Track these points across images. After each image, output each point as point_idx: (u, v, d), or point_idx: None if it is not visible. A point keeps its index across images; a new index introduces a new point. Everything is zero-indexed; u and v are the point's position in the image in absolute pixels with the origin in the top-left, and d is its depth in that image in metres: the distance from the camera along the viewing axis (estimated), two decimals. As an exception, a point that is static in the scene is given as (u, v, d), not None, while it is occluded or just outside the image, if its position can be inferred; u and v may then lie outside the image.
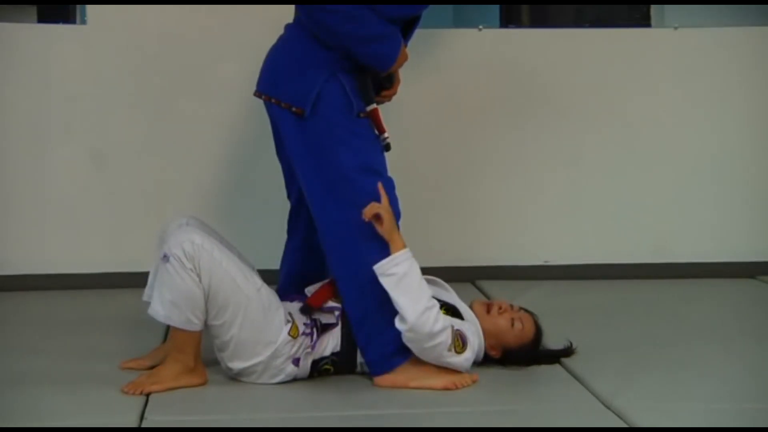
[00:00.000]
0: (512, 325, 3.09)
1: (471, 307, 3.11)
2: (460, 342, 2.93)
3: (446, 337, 2.89)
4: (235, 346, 2.90)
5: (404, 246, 2.91)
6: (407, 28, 3.07)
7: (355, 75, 2.98)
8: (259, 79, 3.06)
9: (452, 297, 3.12)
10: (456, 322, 2.98)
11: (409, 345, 2.90)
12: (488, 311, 3.11)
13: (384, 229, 2.90)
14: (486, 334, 3.08)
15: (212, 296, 2.85)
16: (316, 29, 2.94)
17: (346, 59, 2.95)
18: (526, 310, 3.17)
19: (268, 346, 2.91)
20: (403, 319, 2.85)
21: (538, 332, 3.14)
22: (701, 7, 4.53)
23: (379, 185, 2.94)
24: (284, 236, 3.27)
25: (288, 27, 3.08)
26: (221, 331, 2.90)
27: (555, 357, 3.18)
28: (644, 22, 4.67)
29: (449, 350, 2.91)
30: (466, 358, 2.95)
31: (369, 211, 2.90)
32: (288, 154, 3.04)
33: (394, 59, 3.00)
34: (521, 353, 3.11)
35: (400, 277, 2.86)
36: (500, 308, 3.11)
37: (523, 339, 3.11)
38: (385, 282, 2.87)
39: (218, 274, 2.85)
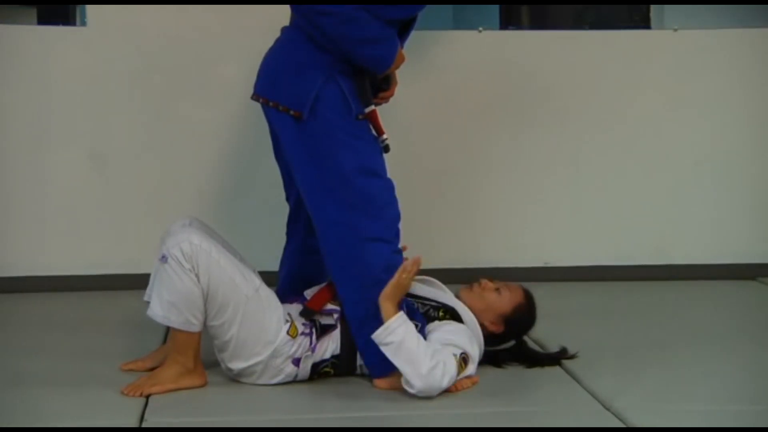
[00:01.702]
0: (499, 293, 3.11)
1: (459, 297, 3.12)
2: (464, 365, 2.94)
3: (453, 375, 2.88)
4: (235, 346, 2.90)
5: (396, 311, 2.89)
6: (404, 30, 3.06)
7: (352, 77, 2.97)
8: (256, 81, 3.05)
9: (449, 298, 3.12)
10: (455, 342, 2.95)
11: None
12: (472, 290, 3.12)
13: (392, 290, 2.91)
14: (480, 312, 3.08)
15: (211, 296, 2.85)
16: (312, 32, 2.93)
17: (343, 61, 2.95)
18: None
19: (268, 346, 2.91)
20: (410, 385, 2.84)
21: (528, 294, 3.16)
22: (701, 8, 4.54)
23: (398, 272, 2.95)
24: (284, 237, 3.27)
25: (284, 30, 3.07)
26: (221, 332, 2.90)
27: (555, 359, 3.18)
28: (644, 23, 4.67)
29: (457, 377, 2.92)
30: (470, 371, 2.96)
31: (414, 265, 2.93)
32: (286, 157, 3.04)
33: (391, 61, 3.00)
34: (520, 316, 3.13)
35: (398, 345, 2.84)
36: (481, 285, 3.13)
37: (515, 301, 3.12)
38: (385, 350, 2.86)
39: (217, 274, 2.85)
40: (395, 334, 2.85)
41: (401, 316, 2.89)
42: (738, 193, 4.50)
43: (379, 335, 2.87)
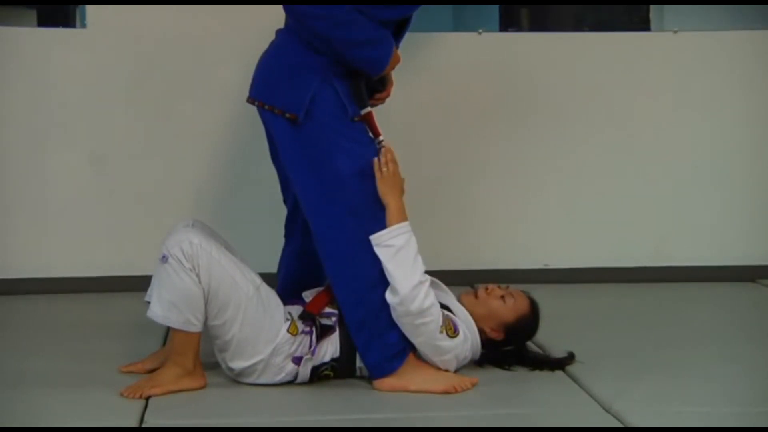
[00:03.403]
0: (504, 301, 3.10)
1: (460, 301, 3.11)
2: (451, 326, 2.94)
3: (436, 316, 2.89)
4: (237, 345, 2.90)
5: (404, 216, 2.91)
6: (398, 30, 3.06)
7: (347, 79, 2.97)
8: (251, 85, 3.05)
9: (446, 297, 3.12)
10: (447, 313, 2.98)
11: (400, 323, 2.90)
12: (477, 296, 3.11)
13: (382, 186, 2.91)
14: (482, 319, 3.08)
15: (212, 295, 2.85)
16: (306, 35, 2.93)
17: (338, 64, 2.94)
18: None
19: (269, 344, 2.91)
20: (394, 291, 2.85)
21: (533, 303, 3.15)
22: (700, 10, 4.54)
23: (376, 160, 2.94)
24: (282, 239, 3.28)
25: (279, 32, 3.07)
26: (222, 331, 2.90)
27: (558, 364, 3.17)
28: (643, 25, 4.67)
29: (441, 332, 2.91)
30: (458, 343, 2.95)
31: (386, 154, 2.90)
32: (282, 160, 3.04)
33: (386, 62, 2.99)
34: (523, 326, 3.13)
35: (397, 250, 2.86)
36: (487, 290, 3.12)
37: (519, 311, 3.11)
38: (381, 252, 2.87)
39: (217, 273, 2.85)
40: (398, 239, 2.87)
41: (407, 224, 2.90)
42: (737, 195, 4.50)
43: (381, 236, 2.87)
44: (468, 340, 3.02)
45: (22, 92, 4.15)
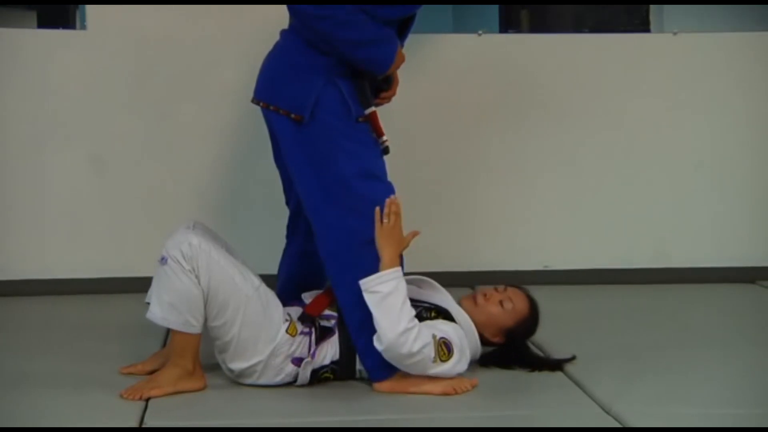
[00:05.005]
0: (502, 306, 3.10)
1: (460, 305, 3.11)
2: (444, 350, 2.93)
3: (428, 352, 2.88)
4: (236, 345, 2.91)
5: (396, 264, 2.89)
6: (402, 28, 3.06)
7: (352, 79, 2.97)
8: (256, 86, 3.05)
9: (444, 298, 3.11)
10: (440, 328, 2.97)
11: (391, 362, 2.91)
12: (476, 303, 3.11)
13: (380, 237, 2.90)
14: (482, 325, 3.08)
15: (212, 296, 2.85)
16: (310, 36, 2.93)
17: (342, 64, 2.94)
18: (515, 286, 3.18)
19: (268, 344, 2.91)
20: (379, 339, 2.85)
21: (533, 303, 3.16)
22: (700, 12, 4.54)
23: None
24: (283, 241, 3.28)
25: (283, 33, 3.07)
26: (222, 332, 2.90)
27: (557, 365, 3.17)
28: (643, 27, 4.68)
29: (434, 362, 2.90)
30: (453, 363, 2.95)
31: (390, 206, 2.90)
32: (286, 161, 3.04)
33: (390, 62, 2.99)
34: (523, 329, 3.14)
35: (384, 296, 2.84)
36: (485, 296, 3.11)
37: (519, 314, 3.12)
38: (368, 298, 2.86)
39: (217, 274, 2.85)
40: (385, 285, 2.85)
41: (397, 270, 2.88)
42: (737, 196, 4.50)
43: (368, 281, 2.86)
44: (466, 351, 3.01)
45: (22, 94, 4.15)
